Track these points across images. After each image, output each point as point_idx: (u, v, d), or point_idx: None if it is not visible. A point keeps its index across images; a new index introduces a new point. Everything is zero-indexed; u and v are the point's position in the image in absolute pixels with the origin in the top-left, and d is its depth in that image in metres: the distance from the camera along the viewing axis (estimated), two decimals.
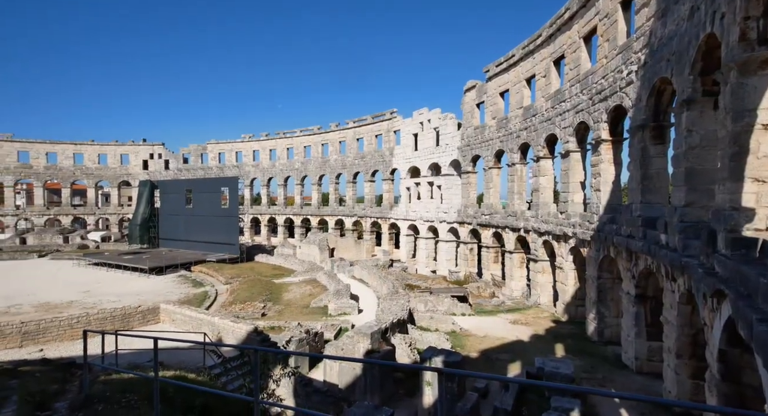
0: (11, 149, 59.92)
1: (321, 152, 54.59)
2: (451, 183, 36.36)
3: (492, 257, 30.84)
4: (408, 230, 41.96)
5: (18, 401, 6.47)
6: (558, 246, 22.22)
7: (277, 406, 7.48)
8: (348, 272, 35.90)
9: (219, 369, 14.42)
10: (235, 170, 60.42)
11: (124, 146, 67.08)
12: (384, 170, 46.32)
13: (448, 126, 36.48)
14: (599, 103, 18.43)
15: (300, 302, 27.22)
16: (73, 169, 63.67)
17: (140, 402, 7.45)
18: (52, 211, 62.78)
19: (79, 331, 17.50)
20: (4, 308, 25.83)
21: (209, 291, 30.53)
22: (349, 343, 16.80)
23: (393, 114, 44.94)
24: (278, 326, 21.18)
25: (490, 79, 30.76)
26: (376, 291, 29.44)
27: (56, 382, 9.06)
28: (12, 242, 53.17)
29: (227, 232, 44.42)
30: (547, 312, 23.10)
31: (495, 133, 30.04)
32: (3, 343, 15.84)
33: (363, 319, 22.06)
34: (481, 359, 17.11)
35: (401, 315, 19.73)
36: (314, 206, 55.41)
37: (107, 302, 26.79)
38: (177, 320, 20.00)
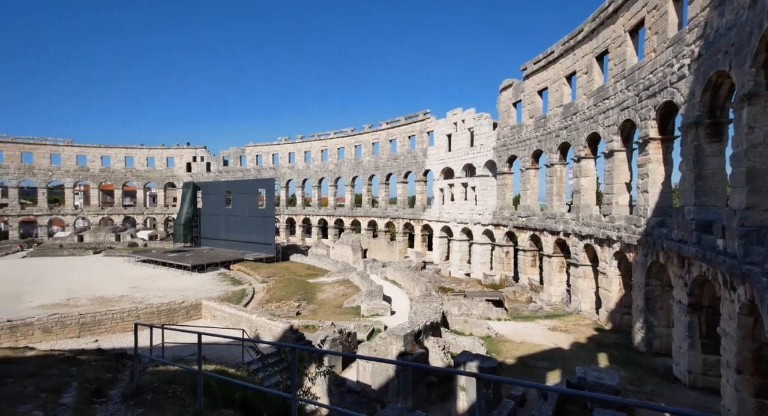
0: (71, 153, 64.88)
1: (354, 154, 55.18)
2: (486, 184, 35.61)
3: (529, 261, 29.87)
4: (441, 232, 41.50)
5: (77, 387, 6.94)
6: (601, 250, 21.16)
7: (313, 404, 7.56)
8: (380, 273, 35.97)
9: (257, 365, 14.83)
10: (272, 171, 62.29)
11: (169, 150, 70.94)
12: (417, 172, 46.12)
13: (483, 126, 35.78)
14: (647, 99, 17.40)
15: (333, 302, 27.55)
16: (125, 171, 68.06)
17: (185, 394, 7.76)
18: (105, 211, 67.44)
19: (128, 324, 18.61)
20: (65, 300, 27.97)
21: (247, 289, 31.54)
22: (382, 344, 16.80)
23: (426, 115, 44.68)
24: (312, 325, 21.53)
25: (528, 78, 29.86)
26: (409, 293, 29.29)
27: (110, 371, 9.65)
28: (71, 239, 57.58)
29: (264, 232, 45.80)
30: (589, 320, 22.04)
31: (532, 132, 29.12)
32: (64, 333, 17.12)
33: (395, 321, 22.01)
34: (518, 366, 16.58)
35: (434, 318, 19.50)
36: (347, 207, 56.05)
37: (154, 297, 28.33)
38: (217, 316, 20.80)
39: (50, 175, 63.07)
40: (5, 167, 59.87)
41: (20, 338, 16.01)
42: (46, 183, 62.89)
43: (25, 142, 62.00)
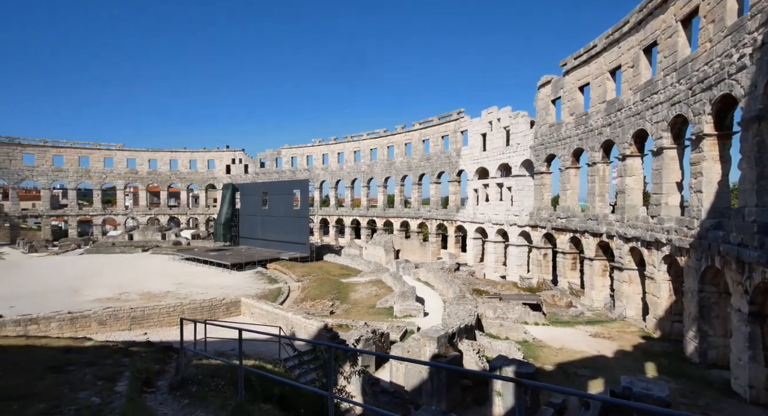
0: (122, 157, 69.35)
1: (387, 155, 55.32)
2: (522, 184, 34.60)
3: (569, 264, 28.69)
4: (475, 233, 40.74)
5: (129, 376, 7.35)
6: (648, 254, 19.96)
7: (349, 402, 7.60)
8: (413, 274, 35.80)
9: (293, 361, 15.15)
10: (306, 173, 63.65)
11: (210, 153, 74.21)
12: (450, 172, 45.56)
13: (520, 124, 34.79)
14: (701, 93, 16.24)
15: (366, 302, 27.69)
16: (170, 174, 71.90)
17: (227, 387, 8.03)
18: (152, 211, 71.60)
19: (174, 318, 19.58)
20: (117, 295, 29.89)
21: (282, 288, 32.33)
22: (415, 346, 16.68)
23: (460, 114, 44.05)
24: (345, 324, 21.72)
25: (568, 73, 28.72)
26: (442, 295, 28.95)
27: (158, 362, 10.18)
28: (122, 237, 61.50)
29: (298, 232, 46.84)
30: (635, 327, 20.85)
31: (573, 130, 27.97)
32: (117, 325, 18.28)
33: (428, 322, 21.81)
34: (557, 372, 15.94)
35: (469, 321, 19.14)
36: (380, 207, 56.28)
37: (196, 293, 29.66)
38: (255, 313, 21.45)
39: (104, 177, 67.71)
40: (65, 171, 64.88)
41: (79, 329, 17.24)
42: (100, 185, 67.60)
43: (82, 147, 66.94)
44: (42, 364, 7.65)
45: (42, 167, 62.91)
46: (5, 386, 6.06)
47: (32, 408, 5.11)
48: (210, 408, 6.93)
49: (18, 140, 61.82)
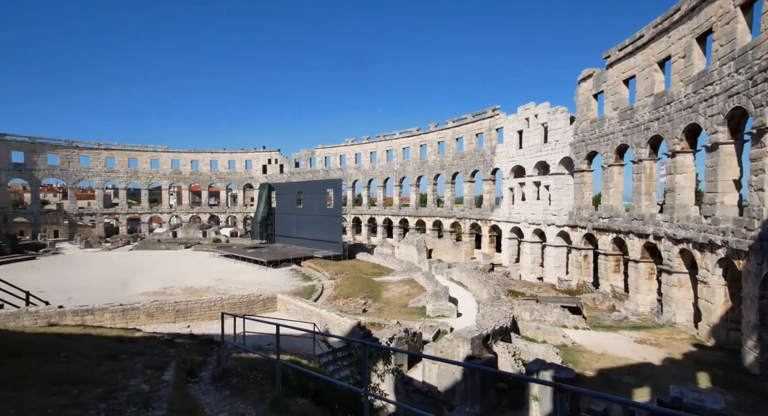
0: (167, 159, 73.21)
1: (419, 153, 55.01)
2: (561, 183, 33.32)
3: (612, 266, 27.33)
4: (510, 233, 39.70)
5: (175, 366, 7.72)
6: (701, 257, 18.64)
7: (384, 400, 7.60)
8: (446, 274, 35.41)
9: (327, 358, 15.37)
10: (339, 172, 64.46)
11: (248, 153, 76.83)
12: (484, 170, 44.65)
13: (559, 121, 33.50)
14: (763, 83, 14.94)
15: (398, 301, 27.67)
16: (210, 174, 75.14)
17: (264, 380, 8.26)
18: (194, 210, 75.13)
19: (214, 312, 20.41)
20: (162, 289, 31.59)
21: (316, 285, 32.93)
22: (449, 346, 16.47)
23: (495, 111, 43.04)
24: (378, 322, 21.79)
25: (611, 66, 27.32)
26: (476, 295, 28.43)
27: (200, 354, 10.64)
28: (167, 234, 64.96)
29: (331, 231, 47.52)
30: (685, 334, 19.54)
31: (617, 126, 26.59)
32: (163, 318, 19.31)
33: (462, 323, 21.51)
34: (598, 379, 15.23)
35: (504, 323, 18.68)
36: (412, 207, 56.07)
37: (235, 289, 30.80)
38: (290, 309, 21.96)
39: (151, 178, 71.77)
40: (116, 172, 69.33)
41: (129, 320, 18.36)
42: (147, 185, 71.72)
43: (131, 149, 71.29)
44: (98, 352, 8.18)
45: (96, 168, 67.56)
46: (68, 370, 6.53)
47: (90, 393, 5.47)
48: (249, 400, 7.14)
49: (76, 144, 66.73)
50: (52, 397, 5.14)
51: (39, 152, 62.71)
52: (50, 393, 5.28)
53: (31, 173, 61.97)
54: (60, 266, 42.46)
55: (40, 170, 62.86)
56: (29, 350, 7.57)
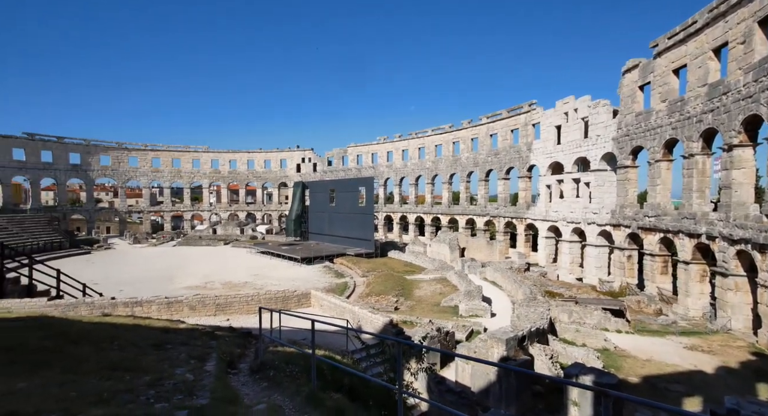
0: (207, 159, 76.48)
1: (452, 151, 54.28)
2: (602, 179, 31.80)
3: (659, 268, 25.79)
4: (547, 232, 38.39)
5: (216, 357, 8.04)
6: (761, 259, 17.19)
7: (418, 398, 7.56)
8: (479, 273, 34.78)
9: (360, 354, 15.49)
10: (371, 170, 64.80)
11: (282, 152, 78.87)
12: (520, 167, 43.39)
13: (600, 115, 31.95)
14: None
15: (430, 299, 27.47)
16: (247, 173, 77.80)
17: (300, 374, 8.43)
18: (233, 207, 78.10)
19: (251, 307, 21.09)
20: (203, 283, 33.06)
21: (349, 282, 33.29)
22: (482, 347, 16.17)
23: (532, 106, 41.68)
24: (410, 321, 21.72)
25: (660, 55, 25.70)
26: (511, 296, 27.74)
27: (239, 347, 11.02)
28: (207, 231, 67.91)
29: (363, 228, 47.84)
30: (742, 341, 18.12)
31: (665, 118, 25.00)
32: (204, 311, 20.19)
33: (496, 323, 21.08)
34: (644, 386, 14.44)
35: (540, 324, 18.09)
36: (444, 204, 55.48)
37: (270, 284, 31.73)
38: (324, 305, 22.32)
39: (192, 177, 75.27)
40: (161, 172, 73.23)
41: (173, 312, 19.33)
42: (189, 184, 75.31)
43: (174, 150, 75.04)
44: (146, 341, 8.66)
45: (143, 168, 71.70)
46: (120, 358, 6.95)
47: (140, 380, 5.79)
48: (286, 393, 7.30)
49: (125, 145, 71.10)
50: (107, 382, 5.48)
51: (93, 154, 67.36)
52: (105, 378, 5.64)
53: (86, 173, 66.68)
54: (111, 261, 45.45)
55: (94, 171, 67.50)
56: (87, 338, 8.13)
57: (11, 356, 6.42)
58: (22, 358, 6.37)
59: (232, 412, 4.91)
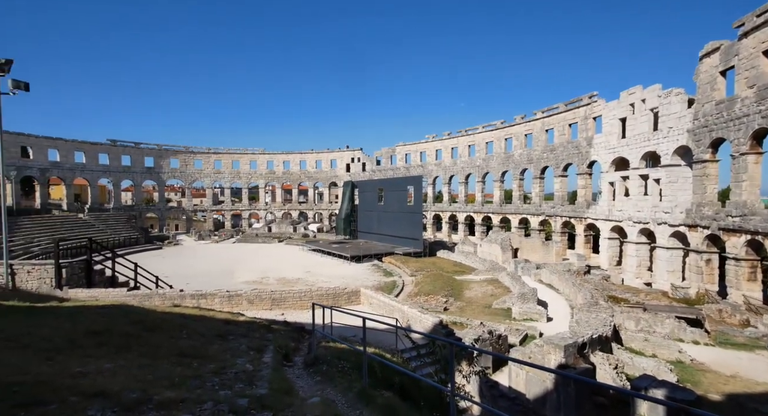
0: (263, 160, 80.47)
1: (504, 147, 52.41)
2: (675, 175, 28.99)
3: (745, 274, 23.00)
4: (610, 233, 35.76)
5: (273, 350, 8.36)
6: None
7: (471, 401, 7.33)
8: (533, 275, 33.26)
9: (409, 353, 15.39)
10: (420, 169, 64.43)
11: (333, 153, 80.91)
12: (579, 163, 40.85)
13: (673, 105, 29.13)
14: None
15: (481, 301, 26.73)
16: (299, 173, 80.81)
17: (351, 370, 8.53)
18: (286, 207, 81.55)
19: (304, 302, 21.81)
20: (259, 278, 34.78)
21: (397, 281, 33.33)
22: (538, 352, 15.43)
23: (592, 98, 39.05)
24: (460, 322, 21.29)
25: (746, 36, 22.88)
26: (569, 300, 26.22)
27: (293, 340, 11.40)
28: (263, 229, 71.46)
29: (412, 227, 47.68)
30: None
31: (753, 106, 22.22)
32: (261, 305, 21.21)
33: (552, 328, 20.02)
34: (727, 405, 12.95)
35: (603, 331, 16.88)
36: (496, 203, 53.74)
37: (321, 281, 32.62)
38: (373, 304, 22.51)
39: (250, 178, 79.63)
40: (222, 173, 78.22)
41: (234, 305, 20.51)
42: (247, 184, 79.76)
43: (234, 152, 79.80)
44: (211, 332, 9.22)
45: (206, 170, 77.06)
46: (189, 346, 7.46)
47: (206, 367, 6.16)
48: (338, 388, 7.40)
49: (191, 149, 76.84)
50: (178, 368, 5.89)
51: (164, 157, 73.65)
52: (176, 364, 6.07)
53: (159, 175, 73.02)
54: (179, 255, 49.32)
55: (165, 173, 73.73)
56: (160, 326, 8.83)
57: (100, 339, 7.14)
58: (108, 341, 7.05)
59: (288, 403, 5.04)
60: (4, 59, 17.72)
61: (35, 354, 5.74)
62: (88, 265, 19.79)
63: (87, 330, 7.60)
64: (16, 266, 18.41)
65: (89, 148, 65.30)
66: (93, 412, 3.80)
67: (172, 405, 4.14)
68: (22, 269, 18.36)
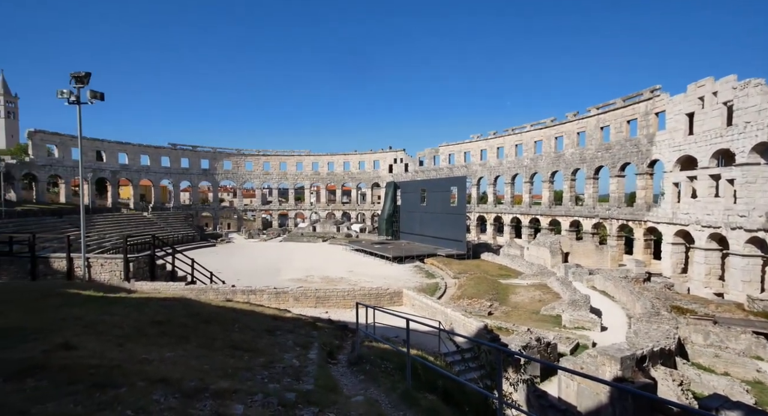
0: (309, 161, 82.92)
1: (554, 146, 50.10)
2: (753, 175, 26.15)
3: None
4: (674, 237, 32.98)
5: (318, 347, 8.52)
6: None
7: (519, 410, 7.03)
8: (586, 281, 31.47)
9: (453, 357, 15.10)
10: (463, 169, 63.26)
11: (375, 154, 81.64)
12: (638, 162, 38.10)
13: (752, 97, 26.30)
14: None
15: (528, 306, 25.71)
16: (343, 174, 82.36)
17: (394, 371, 8.48)
18: (330, 207, 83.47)
19: (347, 301, 22.12)
20: (304, 277, 35.81)
21: (439, 283, 32.92)
22: (591, 363, 14.56)
23: (654, 92, 36.27)
24: (505, 327, 20.60)
25: None
26: (626, 308, 24.53)
27: (337, 339, 11.56)
28: (308, 229, 73.57)
29: (455, 229, 46.90)
30: None
31: None
32: (306, 302, 21.79)
33: (607, 338, 18.86)
34: None
35: (666, 344, 15.62)
36: (544, 205, 51.48)
37: (363, 281, 32.96)
38: (416, 305, 22.35)
39: (296, 179, 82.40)
40: (270, 174, 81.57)
41: (280, 302, 21.23)
42: (293, 185, 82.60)
43: (281, 154, 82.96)
44: (260, 326, 9.59)
45: (256, 171, 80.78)
46: (241, 339, 7.81)
47: (256, 361, 6.39)
48: (381, 388, 7.39)
49: (242, 152, 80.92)
50: (231, 360, 6.17)
51: (218, 160, 78.19)
52: (229, 356, 6.36)
53: (213, 176, 77.63)
54: (230, 253, 52.04)
55: (219, 174, 78.23)
56: (215, 319, 9.33)
57: (162, 328, 7.66)
58: (170, 331, 7.55)
59: (333, 400, 5.09)
60: (83, 72, 19.64)
61: (108, 340, 6.26)
62: (152, 260, 21.40)
63: (151, 320, 8.19)
64: (91, 260, 20.32)
65: (153, 151, 70.86)
66: (157, 397, 4.06)
67: (226, 394, 4.32)
68: (96, 263, 20.23)
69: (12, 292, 10.13)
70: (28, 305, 8.68)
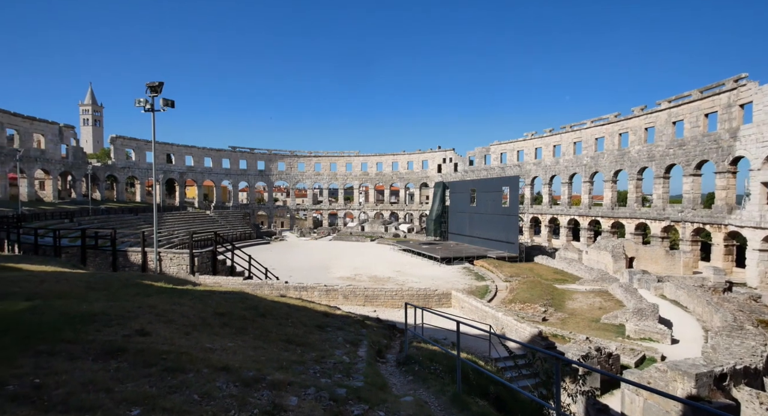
0: (358, 162, 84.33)
1: (618, 143, 46.67)
2: None
3: None
4: (762, 243, 29.36)
5: (367, 345, 8.61)
6: None
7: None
8: (654, 289, 28.95)
9: (504, 363, 14.58)
10: (516, 169, 60.93)
11: (424, 154, 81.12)
12: (718, 160, 34.38)
13: None
14: None
15: (587, 314, 24.15)
16: (391, 174, 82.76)
17: (444, 373, 8.34)
18: (378, 207, 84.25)
19: (395, 301, 22.20)
20: (353, 275, 36.42)
21: (490, 286, 31.95)
22: (660, 378, 13.34)
23: (739, 81, 32.51)
24: (561, 335, 19.53)
25: None
26: (702, 320, 22.25)
27: (385, 338, 11.62)
28: (356, 228, 74.84)
29: (506, 230, 45.32)
30: None
31: None
32: (355, 300, 22.19)
33: (678, 352, 17.31)
34: None
35: (751, 362, 13.95)
36: (606, 206, 48.08)
37: (411, 281, 32.86)
38: (465, 308, 21.88)
39: (345, 179, 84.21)
40: (321, 175, 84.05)
41: (330, 299, 21.81)
42: (343, 185, 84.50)
43: (332, 155, 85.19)
44: (312, 322, 9.88)
45: (308, 172, 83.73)
46: (294, 334, 8.11)
47: (308, 355, 6.60)
48: (431, 390, 7.30)
49: (295, 153, 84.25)
50: (285, 353, 6.42)
51: (273, 161, 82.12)
52: (284, 349, 6.62)
53: (268, 177, 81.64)
54: (283, 250, 54.32)
55: (273, 175, 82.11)
56: (270, 313, 9.78)
57: (224, 320, 8.17)
58: (230, 323, 8.03)
59: (383, 399, 5.10)
60: (157, 82, 21.52)
61: (177, 329, 6.78)
62: (214, 255, 22.94)
63: (214, 311, 8.76)
64: (162, 254, 22.21)
65: (215, 154, 75.99)
66: (220, 384, 4.32)
67: (282, 386, 4.49)
68: (166, 257, 22.09)
69: (99, 282, 11.34)
70: (111, 294, 9.66)
